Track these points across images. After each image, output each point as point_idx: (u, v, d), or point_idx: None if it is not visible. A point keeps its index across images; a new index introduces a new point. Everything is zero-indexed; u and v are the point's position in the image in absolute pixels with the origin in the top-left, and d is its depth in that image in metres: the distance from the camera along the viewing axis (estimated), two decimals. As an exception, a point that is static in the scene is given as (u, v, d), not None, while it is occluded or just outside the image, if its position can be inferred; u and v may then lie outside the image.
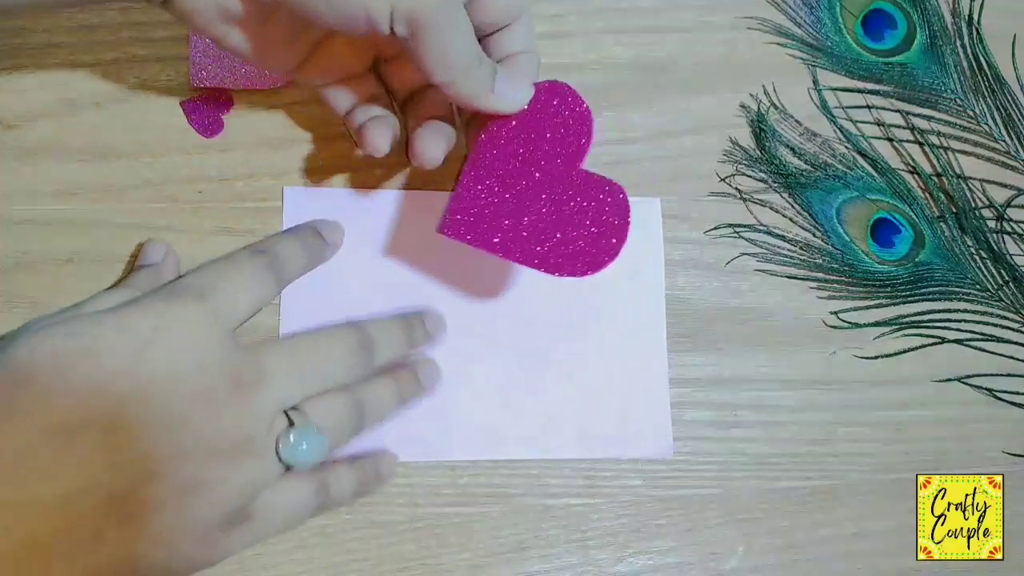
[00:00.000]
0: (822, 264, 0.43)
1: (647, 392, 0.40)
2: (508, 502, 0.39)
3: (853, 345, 0.42)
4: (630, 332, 0.41)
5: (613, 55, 0.44)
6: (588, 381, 0.39)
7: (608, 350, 0.40)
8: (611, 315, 0.41)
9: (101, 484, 0.27)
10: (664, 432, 0.40)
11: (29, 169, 0.39)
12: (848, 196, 0.44)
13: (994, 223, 0.44)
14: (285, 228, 0.39)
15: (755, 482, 0.40)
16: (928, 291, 0.43)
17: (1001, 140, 0.45)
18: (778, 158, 0.43)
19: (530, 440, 0.39)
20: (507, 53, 0.35)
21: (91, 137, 0.39)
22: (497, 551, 0.38)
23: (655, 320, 0.41)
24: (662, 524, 0.39)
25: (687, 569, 0.39)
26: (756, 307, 0.42)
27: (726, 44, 0.45)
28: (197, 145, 0.40)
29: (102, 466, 0.27)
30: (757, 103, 0.44)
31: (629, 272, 0.41)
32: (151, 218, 0.39)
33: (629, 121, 0.43)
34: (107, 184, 0.39)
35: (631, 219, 0.33)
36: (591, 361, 0.40)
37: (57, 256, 0.38)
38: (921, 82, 0.46)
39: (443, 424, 0.39)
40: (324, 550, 0.37)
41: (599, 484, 0.39)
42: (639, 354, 0.40)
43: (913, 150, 0.45)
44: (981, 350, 0.43)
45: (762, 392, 0.41)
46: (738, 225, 0.43)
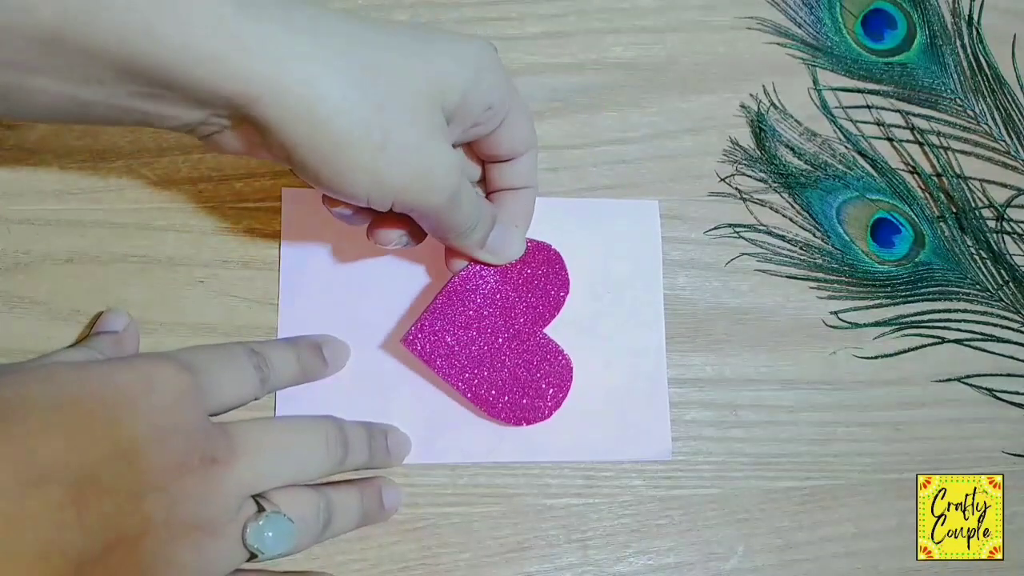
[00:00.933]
0: (822, 264, 0.43)
1: (646, 394, 0.40)
2: (508, 502, 0.39)
3: (853, 345, 0.42)
4: (629, 334, 0.41)
5: (613, 55, 0.44)
6: (587, 383, 0.39)
7: (607, 352, 0.40)
8: (610, 317, 0.41)
9: (73, 544, 0.26)
10: (663, 433, 0.40)
11: (29, 169, 0.39)
12: (848, 196, 0.43)
13: (994, 223, 0.44)
14: (284, 243, 0.39)
15: (755, 482, 0.40)
16: (928, 291, 0.43)
17: (1001, 140, 0.45)
18: (778, 158, 0.43)
19: (529, 442, 0.39)
20: (509, 186, 0.36)
21: (91, 137, 0.39)
22: (497, 551, 0.38)
23: (654, 321, 0.41)
24: (662, 524, 0.39)
25: (687, 569, 0.39)
26: (756, 307, 0.42)
27: (726, 44, 0.45)
28: (197, 145, 0.40)
29: (74, 523, 0.26)
30: (757, 103, 0.44)
31: (628, 274, 0.41)
32: (151, 218, 0.39)
33: (629, 121, 0.43)
34: (107, 184, 0.39)
35: (572, 385, 0.38)
36: (590, 363, 0.40)
37: (57, 256, 0.38)
38: (921, 82, 0.46)
39: (442, 427, 0.39)
40: (324, 550, 0.37)
41: (599, 484, 0.39)
42: (638, 356, 0.40)
43: (913, 150, 0.45)
44: (981, 350, 0.43)
45: (762, 392, 0.41)
46: (738, 225, 0.43)
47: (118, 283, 0.39)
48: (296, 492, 0.32)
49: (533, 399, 0.37)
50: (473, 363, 0.37)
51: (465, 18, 0.44)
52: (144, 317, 0.38)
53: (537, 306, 0.38)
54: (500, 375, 0.37)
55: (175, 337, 0.38)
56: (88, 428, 0.27)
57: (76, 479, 0.26)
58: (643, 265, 0.42)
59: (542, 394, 0.38)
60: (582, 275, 0.40)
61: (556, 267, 0.38)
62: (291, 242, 0.40)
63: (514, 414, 0.37)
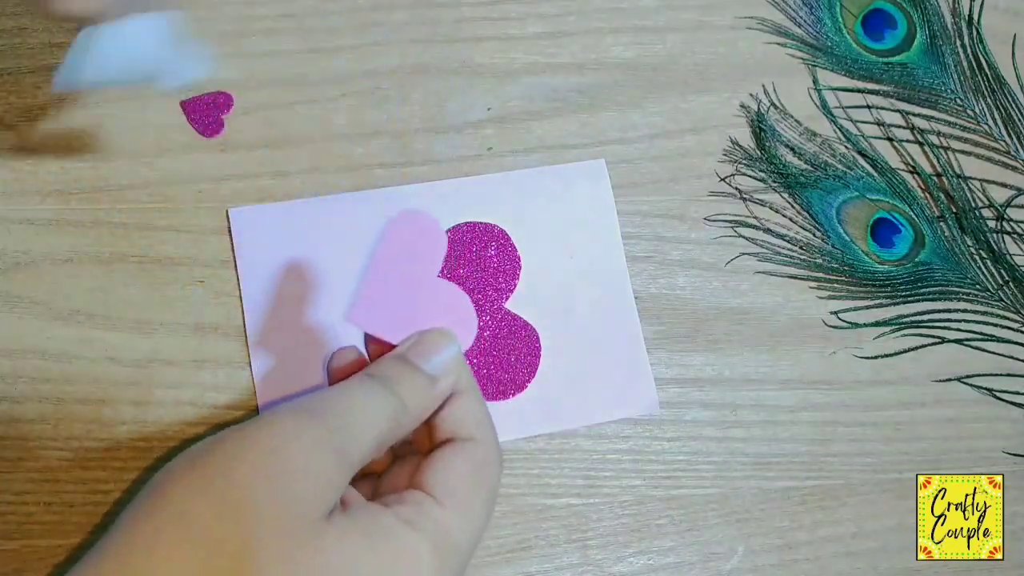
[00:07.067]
0: (822, 264, 0.43)
1: (624, 351, 0.41)
2: (508, 502, 0.39)
3: (853, 345, 0.42)
4: (597, 296, 0.41)
5: (613, 55, 0.44)
6: (563, 350, 0.40)
7: (578, 317, 0.41)
8: (575, 282, 0.41)
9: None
10: (648, 388, 0.40)
11: (29, 169, 0.39)
12: (848, 196, 0.43)
13: (994, 223, 0.44)
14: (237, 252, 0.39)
15: (755, 482, 0.40)
16: (928, 291, 0.43)
17: (1001, 140, 0.45)
18: (778, 158, 0.43)
19: (520, 419, 0.39)
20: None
21: (91, 137, 0.39)
22: (497, 551, 0.38)
23: (619, 279, 0.41)
24: (662, 524, 0.39)
25: (687, 569, 0.39)
26: (756, 307, 0.42)
27: (726, 44, 0.45)
28: (197, 145, 0.40)
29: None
30: (757, 103, 0.44)
31: (586, 236, 0.42)
32: (151, 218, 0.39)
33: (629, 121, 0.43)
34: (107, 184, 0.39)
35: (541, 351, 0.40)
36: (563, 330, 0.40)
37: (57, 256, 0.38)
38: (921, 82, 0.45)
39: None
40: (324, 550, 0.37)
41: (599, 484, 0.39)
42: (609, 315, 0.41)
43: (913, 150, 0.45)
44: (981, 350, 0.43)
45: (762, 392, 0.41)
46: (738, 224, 0.43)
47: (118, 283, 0.39)
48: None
49: (507, 372, 0.39)
50: None
51: (465, 18, 0.44)
52: (144, 317, 0.38)
53: (493, 284, 0.40)
54: (469, 356, 0.39)
55: (175, 337, 0.38)
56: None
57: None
58: (599, 225, 0.42)
59: (514, 365, 0.39)
60: (540, 244, 0.41)
61: (503, 244, 0.40)
62: (246, 260, 0.39)
63: (491, 390, 0.39)
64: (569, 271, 0.41)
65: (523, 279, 0.41)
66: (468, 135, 0.42)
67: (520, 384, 0.39)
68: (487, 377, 0.39)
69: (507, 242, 0.41)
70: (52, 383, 0.37)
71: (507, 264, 0.40)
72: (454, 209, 0.41)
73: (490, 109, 0.43)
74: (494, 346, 0.40)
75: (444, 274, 0.40)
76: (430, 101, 0.42)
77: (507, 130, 0.43)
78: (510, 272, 0.40)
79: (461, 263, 0.40)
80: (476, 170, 0.42)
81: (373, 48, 0.43)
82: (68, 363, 0.38)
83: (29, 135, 0.39)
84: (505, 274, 0.40)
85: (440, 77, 0.43)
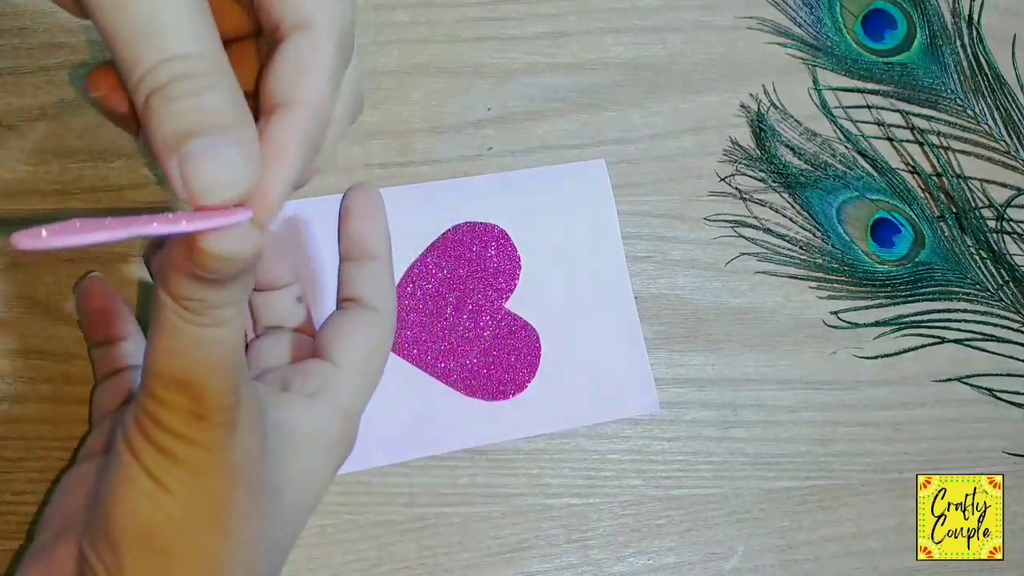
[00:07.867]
0: (822, 264, 0.43)
1: (624, 351, 0.40)
2: (508, 502, 0.39)
3: (853, 345, 0.42)
4: (597, 295, 0.41)
5: (613, 55, 0.44)
6: (564, 350, 0.40)
7: (578, 316, 0.41)
8: (575, 281, 0.41)
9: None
10: (648, 387, 0.40)
11: (29, 169, 0.39)
12: (848, 196, 0.43)
13: (994, 223, 0.44)
14: None
15: (755, 482, 0.40)
16: (928, 291, 0.43)
17: (1001, 140, 0.45)
18: (778, 158, 0.43)
19: (519, 421, 0.39)
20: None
21: (91, 137, 0.39)
22: (497, 551, 0.38)
23: (619, 279, 0.41)
24: (662, 524, 0.39)
25: (687, 569, 0.39)
26: (756, 307, 0.42)
27: (726, 44, 0.45)
28: (197, 145, 0.40)
29: None
30: (757, 103, 0.44)
31: (586, 236, 0.42)
32: (151, 218, 0.39)
33: (629, 121, 0.43)
34: (107, 184, 0.39)
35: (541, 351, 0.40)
36: (562, 330, 0.40)
37: (57, 256, 0.38)
38: (921, 82, 0.46)
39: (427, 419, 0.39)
40: (324, 550, 0.37)
41: (599, 484, 0.39)
42: (609, 315, 0.41)
43: (913, 150, 0.45)
44: (981, 350, 0.43)
45: (762, 392, 0.41)
46: (738, 224, 0.43)
47: (118, 283, 0.38)
48: None
49: (507, 372, 0.39)
50: (438, 347, 0.39)
51: (465, 18, 0.44)
52: (144, 317, 0.38)
53: (493, 284, 0.40)
54: (469, 356, 0.39)
55: (175, 337, 0.38)
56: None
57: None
58: (600, 225, 0.42)
59: (514, 366, 0.39)
60: (540, 244, 0.41)
61: (503, 244, 0.40)
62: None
63: (492, 390, 0.39)
64: (569, 271, 0.41)
65: (523, 279, 0.41)
66: (468, 135, 0.42)
67: (520, 384, 0.39)
68: (487, 377, 0.39)
69: (507, 242, 0.41)
70: (52, 383, 0.37)
71: (507, 264, 0.40)
72: (454, 209, 0.41)
73: (490, 109, 0.43)
74: (494, 346, 0.39)
75: (444, 274, 0.40)
76: (430, 101, 0.42)
77: (507, 130, 0.43)
78: (510, 272, 0.40)
79: (461, 263, 0.40)
80: (476, 170, 0.42)
81: (373, 48, 0.43)
82: (68, 363, 0.38)
83: (29, 135, 0.39)
84: (505, 274, 0.40)
85: (440, 77, 0.43)
